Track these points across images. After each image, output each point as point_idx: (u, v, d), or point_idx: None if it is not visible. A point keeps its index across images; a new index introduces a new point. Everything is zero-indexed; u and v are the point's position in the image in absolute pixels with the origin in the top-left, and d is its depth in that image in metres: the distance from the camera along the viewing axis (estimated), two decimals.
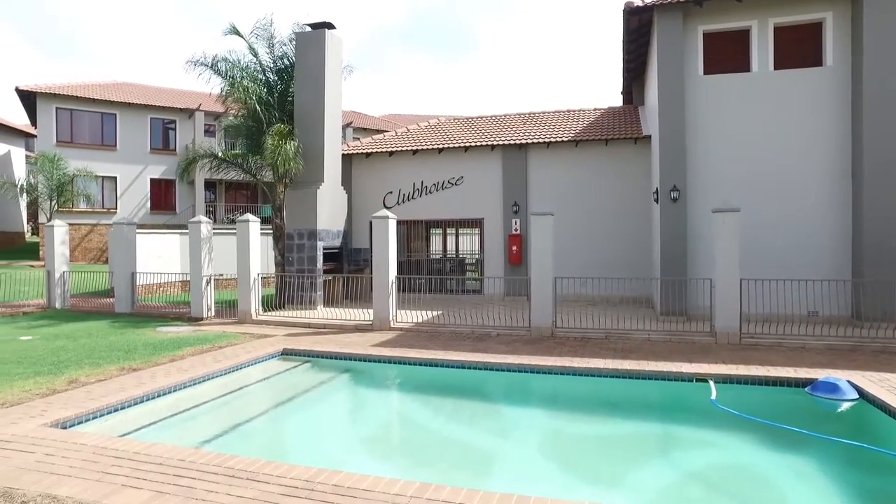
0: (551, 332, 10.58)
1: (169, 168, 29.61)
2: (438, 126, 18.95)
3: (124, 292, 14.53)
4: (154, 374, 7.75)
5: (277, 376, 8.67)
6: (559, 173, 15.76)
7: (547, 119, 17.93)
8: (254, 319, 12.55)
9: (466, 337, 10.60)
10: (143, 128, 29.63)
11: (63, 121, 27.81)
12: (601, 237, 15.21)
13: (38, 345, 10.05)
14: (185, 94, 31.55)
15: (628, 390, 7.69)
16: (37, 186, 26.86)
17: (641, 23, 12.89)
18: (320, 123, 14.66)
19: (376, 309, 11.60)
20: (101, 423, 6.13)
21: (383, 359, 8.96)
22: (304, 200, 14.47)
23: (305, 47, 14.83)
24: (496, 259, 16.20)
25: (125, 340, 10.33)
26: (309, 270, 14.22)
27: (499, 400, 8.10)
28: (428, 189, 16.71)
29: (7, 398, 6.61)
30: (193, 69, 14.82)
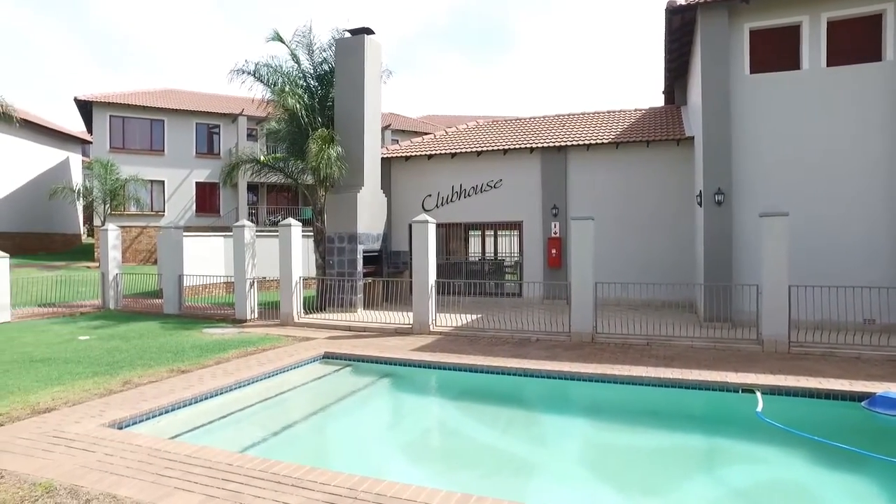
0: (592, 338, 10.47)
1: (213, 172, 30.46)
2: (477, 128, 18.95)
3: (172, 294, 15.05)
4: (202, 376, 8.00)
5: (319, 380, 8.83)
6: (599, 176, 15.56)
7: (587, 120, 17.72)
8: (296, 322, 12.81)
9: (506, 342, 10.58)
10: (189, 133, 30.57)
11: (116, 128, 28.95)
12: (642, 241, 14.95)
13: (95, 345, 10.51)
14: (229, 99, 32.40)
15: (671, 400, 7.54)
16: (92, 191, 28.05)
17: (684, 21, 12.62)
18: (360, 128, 14.86)
19: (416, 312, 11.69)
20: (153, 425, 6.37)
21: (423, 364, 9.02)
22: (345, 204, 14.70)
23: (345, 53, 15.06)
24: (535, 262, 16.11)
25: (174, 342, 10.70)
26: (349, 273, 14.44)
27: (539, 407, 8.06)
28: (467, 192, 16.74)
29: (70, 397, 6.97)
30: (237, 77, 15.24)
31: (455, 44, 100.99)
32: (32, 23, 77.26)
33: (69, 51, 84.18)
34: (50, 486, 4.45)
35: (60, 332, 12.17)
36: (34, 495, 4.32)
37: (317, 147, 13.80)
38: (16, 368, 8.60)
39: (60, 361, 9.05)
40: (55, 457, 5.04)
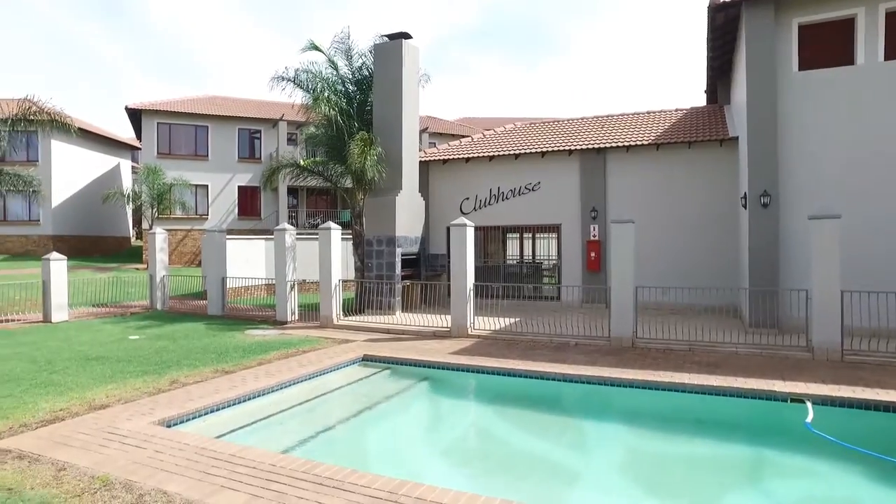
0: (632, 343, 10.30)
1: (255, 176, 31.19)
2: (515, 131, 18.88)
3: (216, 296, 15.46)
4: (244, 377, 8.19)
5: (358, 382, 8.94)
6: (639, 178, 15.30)
7: (626, 122, 17.46)
8: (335, 324, 12.99)
9: (544, 346, 10.50)
10: (231, 138, 31.40)
11: (163, 134, 29.97)
12: (684, 244, 14.63)
13: (144, 345, 10.89)
14: (270, 104, 33.13)
15: (715, 408, 7.35)
16: (140, 195, 29.12)
17: (727, 18, 12.28)
18: (398, 132, 15.00)
19: (454, 316, 11.71)
20: (199, 424, 6.56)
21: (462, 367, 9.03)
22: (383, 208, 14.84)
23: (383, 58, 15.23)
24: (574, 265, 15.94)
25: (218, 343, 10.99)
26: (388, 276, 14.56)
27: (578, 413, 7.99)
28: (505, 195, 16.68)
29: (123, 395, 7.26)
30: (277, 84, 15.57)
31: (491, 46, 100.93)
32: (82, 31, 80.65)
33: (120, 60, 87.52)
34: (107, 480, 4.65)
35: (112, 331, 12.66)
36: (93, 488, 4.52)
37: (359, 149, 13.98)
38: (74, 366, 9.00)
39: (113, 360, 9.42)
40: (110, 452, 5.26)
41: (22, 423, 6.14)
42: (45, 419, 6.28)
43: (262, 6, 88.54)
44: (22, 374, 8.50)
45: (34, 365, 9.12)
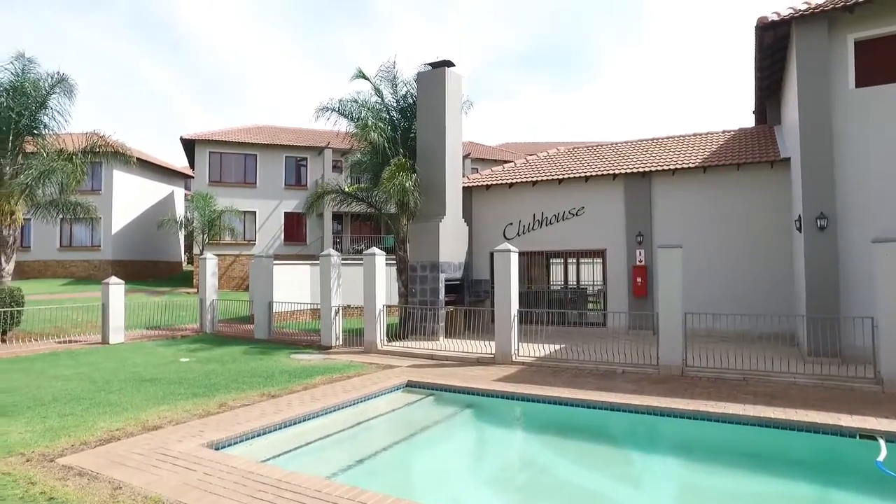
0: (681, 371, 9.96)
1: (300, 202, 31.98)
2: (558, 156, 18.83)
3: (263, 320, 15.77)
4: (290, 401, 8.28)
5: (403, 409, 8.91)
6: (686, 201, 14.97)
7: (671, 145, 17.18)
8: (379, 349, 13.04)
9: (590, 374, 10.27)
10: (278, 166, 32.37)
11: (214, 163, 31.17)
12: (734, 269, 14.17)
13: (194, 367, 11.17)
14: (315, 132, 34.09)
15: (773, 442, 6.98)
16: (192, 221, 30.24)
17: (777, 37, 12.01)
18: (441, 158, 15.16)
19: (498, 342, 11.61)
20: (246, 447, 6.63)
21: (506, 395, 8.89)
22: (427, 233, 14.95)
23: (426, 86, 15.50)
24: (619, 291, 15.63)
25: (264, 367, 11.17)
26: (431, 302, 14.59)
27: (626, 444, 7.73)
28: (548, 220, 16.58)
29: (174, 417, 7.44)
30: (323, 114, 16.05)
31: (534, 71, 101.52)
32: (140, 65, 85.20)
33: (175, 91, 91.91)
34: (159, 500, 4.74)
35: (164, 353, 13.05)
36: None
37: (389, 174, 14.16)
38: (129, 387, 9.31)
39: (165, 382, 9.69)
40: (162, 473, 5.37)
41: (82, 441, 6.37)
42: (103, 438, 6.50)
43: (309, 39, 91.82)
44: (82, 393, 8.85)
45: (93, 385, 9.48)
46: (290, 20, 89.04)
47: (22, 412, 7.72)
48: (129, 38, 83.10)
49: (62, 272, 30.32)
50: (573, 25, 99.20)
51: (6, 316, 14.34)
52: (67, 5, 79.94)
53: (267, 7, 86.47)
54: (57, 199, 17.01)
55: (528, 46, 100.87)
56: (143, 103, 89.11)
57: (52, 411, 7.74)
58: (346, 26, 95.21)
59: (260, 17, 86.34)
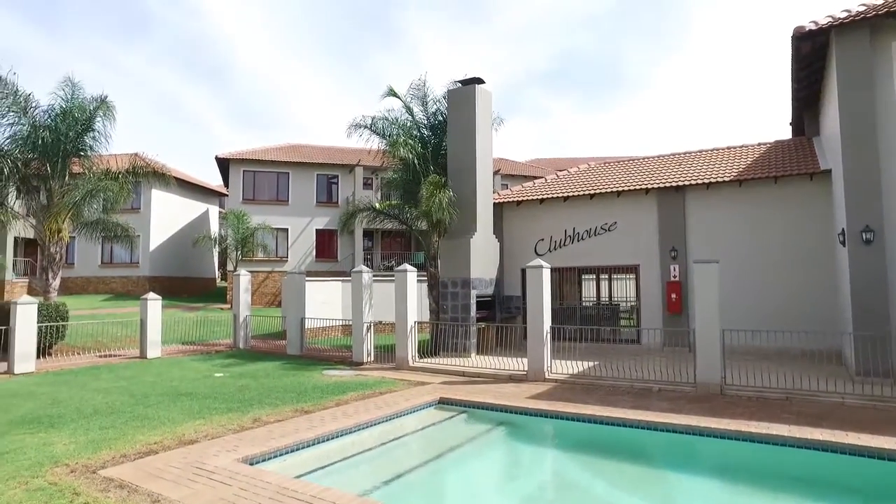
0: (720, 390, 9.68)
1: (332, 219, 32.38)
2: (589, 171, 18.70)
3: (295, 336, 15.92)
4: (323, 417, 8.30)
5: (435, 426, 8.85)
6: (721, 216, 14.68)
7: (705, 158, 16.92)
8: (410, 366, 13.02)
9: (625, 392, 10.06)
10: (310, 183, 32.88)
11: (248, 181, 31.84)
12: (773, 284, 13.78)
13: (228, 382, 11.32)
14: (346, 150, 34.59)
15: (821, 465, 6.68)
16: (226, 239, 30.87)
17: (814, 47, 11.76)
18: (472, 175, 15.19)
19: (530, 359, 11.48)
20: (280, 462, 6.65)
21: (539, 413, 8.76)
22: (458, 250, 14.94)
23: (457, 103, 15.61)
24: (653, 307, 15.34)
25: (297, 382, 11.24)
26: (463, 318, 14.53)
27: (663, 464, 7.51)
28: (580, 235, 16.43)
29: (209, 431, 7.53)
30: (355, 131, 16.28)
31: (564, 87, 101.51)
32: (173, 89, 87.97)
33: (207, 113, 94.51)
34: None
35: (199, 368, 13.26)
36: None
37: (428, 192, 14.24)
38: (166, 401, 9.48)
39: (200, 396, 9.83)
40: (198, 487, 5.42)
41: (122, 454, 6.50)
42: (142, 451, 6.61)
43: (340, 60, 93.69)
44: (122, 406, 9.06)
45: (132, 398, 9.68)
46: (321, 43, 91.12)
47: (66, 424, 7.95)
48: (168, 63, 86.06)
49: (103, 288, 31.24)
50: (603, 41, 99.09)
51: (52, 330, 14.80)
52: (114, 34, 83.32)
53: (298, 31, 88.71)
54: (100, 217, 17.60)
55: (558, 63, 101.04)
56: (179, 124, 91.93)
57: (94, 423, 7.93)
58: (375, 46, 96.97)
59: (292, 41, 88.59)
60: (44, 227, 15.93)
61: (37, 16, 76.96)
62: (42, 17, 77.77)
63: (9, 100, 15.38)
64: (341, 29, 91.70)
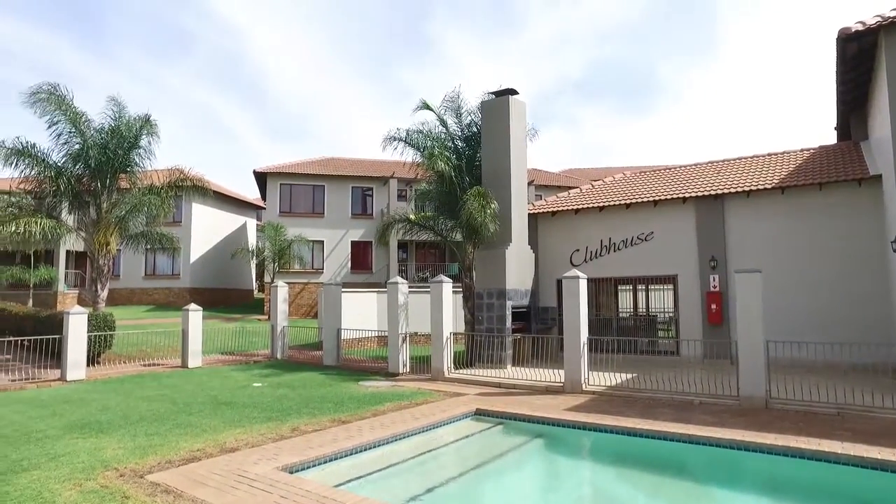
0: (765, 404, 9.37)
1: (367, 231, 32.76)
2: (624, 180, 18.49)
3: (331, 347, 16.09)
4: (360, 427, 8.35)
5: (472, 437, 8.81)
6: (763, 224, 14.30)
7: (745, 165, 16.54)
8: (446, 377, 13.01)
9: (665, 404, 9.84)
10: (345, 196, 33.36)
11: (284, 194, 32.51)
12: (819, 294, 13.32)
13: (267, 392, 11.50)
14: (381, 163, 35.03)
15: (881, 487, 6.35)
16: (263, 251, 31.51)
17: (861, 48, 11.39)
18: (507, 186, 15.18)
19: (567, 371, 11.35)
20: (319, 471, 6.71)
21: (578, 425, 8.63)
22: (493, 261, 14.91)
23: (490, 114, 15.65)
24: (692, 318, 15.00)
25: (334, 393, 11.35)
26: (498, 329, 14.47)
27: (707, 480, 7.30)
28: (616, 245, 16.22)
29: (250, 439, 7.66)
30: (390, 144, 16.44)
31: (597, 96, 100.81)
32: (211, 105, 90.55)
33: (245, 128, 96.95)
34: None
35: (238, 378, 13.51)
36: None
37: (478, 203, 14.23)
38: (207, 409, 9.69)
39: (240, 405, 10.01)
40: (240, 494, 5.51)
41: (167, 460, 6.67)
42: (186, 458, 6.77)
43: (374, 73, 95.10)
44: (165, 414, 9.30)
45: (175, 406, 9.93)
46: (354, 56, 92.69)
47: (115, 430, 8.23)
48: (207, 81, 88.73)
49: (146, 299, 32.22)
50: (636, 49, 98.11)
51: (101, 339, 15.32)
52: (156, 53, 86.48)
53: (332, 46, 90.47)
54: (145, 230, 18.23)
55: (590, 72, 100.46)
56: (217, 139, 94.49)
57: (140, 430, 8.17)
58: (407, 59, 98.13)
59: (326, 55, 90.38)
60: (93, 241, 16.57)
61: (86, 40, 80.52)
62: (91, 40, 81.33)
63: (66, 120, 16.13)
64: (374, 43, 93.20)
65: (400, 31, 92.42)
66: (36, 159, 16.01)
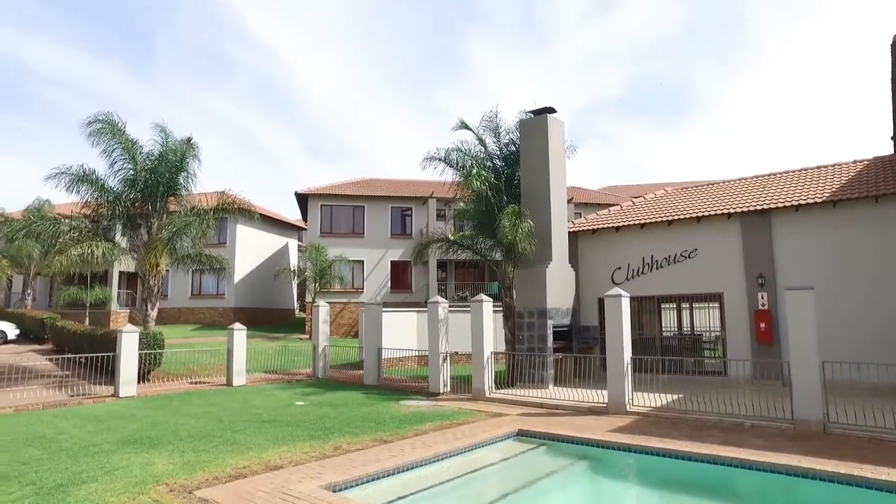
0: (823, 428, 8.95)
1: (406, 251, 32.98)
2: (665, 196, 18.19)
3: (372, 366, 16.17)
4: (402, 447, 8.34)
5: (515, 458, 8.69)
6: (813, 239, 13.81)
7: (793, 179, 16.06)
8: (487, 397, 12.90)
9: (714, 426, 9.52)
10: (385, 216, 33.74)
11: (325, 215, 33.09)
12: (877, 312, 12.71)
13: (309, 411, 11.62)
14: (419, 183, 35.35)
15: None
16: (305, 271, 32.07)
17: None
18: (546, 204, 15.12)
19: (611, 391, 11.12)
20: (362, 491, 6.73)
21: (623, 447, 8.43)
22: (534, 279, 14.81)
23: (529, 133, 15.68)
24: (740, 337, 14.51)
25: (375, 412, 11.39)
26: (539, 349, 14.31)
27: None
28: (658, 263, 15.90)
29: (293, 457, 7.75)
30: (429, 164, 16.62)
31: (635, 112, 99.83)
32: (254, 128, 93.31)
33: (286, 149, 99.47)
34: None
35: (281, 396, 13.71)
36: None
37: (510, 222, 14.24)
38: (252, 427, 9.86)
39: (283, 423, 10.15)
40: None
41: (214, 476, 6.81)
42: (232, 474, 6.90)
43: (412, 94, 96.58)
44: (212, 431, 9.51)
45: (221, 424, 10.14)
46: (391, 78, 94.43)
47: (164, 445, 8.46)
48: (250, 105, 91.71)
49: (192, 318, 33.14)
50: (675, 63, 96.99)
51: (150, 357, 15.82)
52: (200, 79, 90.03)
53: (370, 68, 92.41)
54: (192, 252, 18.84)
55: (628, 87, 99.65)
56: (260, 162, 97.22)
57: (188, 446, 8.38)
58: (445, 79, 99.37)
59: (364, 78, 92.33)
60: (144, 262, 17.21)
61: (139, 69, 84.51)
62: (143, 69, 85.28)
63: (120, 148, 16.94)
64: (410, 64, 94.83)
65: (436, 52, 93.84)
66: (95, 185, 16.83)
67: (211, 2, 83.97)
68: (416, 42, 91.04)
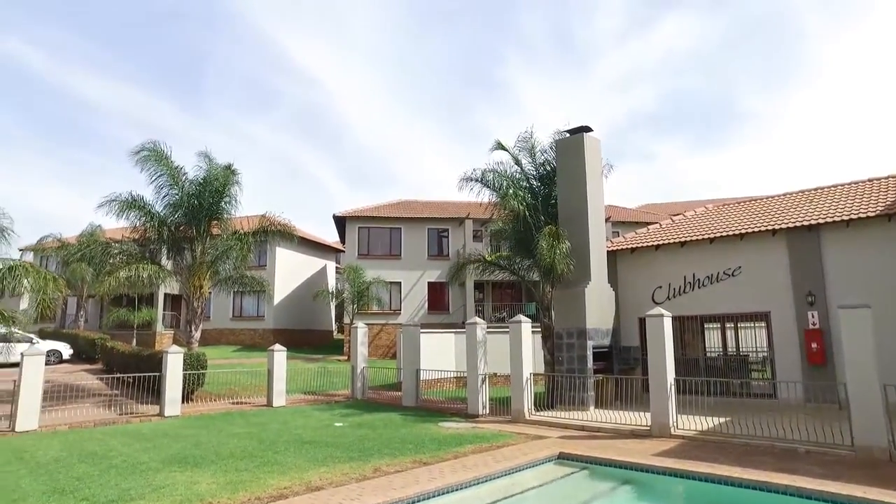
0: (889, 456, 8.47)
1: (443, 272, 32.97)
2: (706, 213, 17.81)
3: (410, 387, 16.14)
4: (442, 469, 8.27)
5: (556, 482, 8.51)
6: (867, 255, 13.26)
7: (841, 193, 15.52)
8: (527, 419, 12.71)
9: (765, 452, 9.14)
10: (421, 238, 33.93)
11: (363, 237, 33.50)
12: None
13: (348, 432, 11.66)
14: (455, 204, 35.51)
15: None
16: (343, 293, 32.42)
17: None
18: (584, 223, 14.98)
19: (654, 413, 10.82)
20: None
21: (668, 471, 8.16)
22: (573, 300, 14.62)
23: (565, 152, 15.63)
24: (789, 358, 13.96)
25: (414, 434, 11.33)
26: (579, 370, 14.06)
27: None
28: (700, 282, 15.51)
29: (333, 478, 7.78)
30: (466, 185, 16.68)
31: (672, 129, 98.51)
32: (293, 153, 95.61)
33: (324, 173, 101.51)
34: None
35: (321, 417, 13.79)
36: None
37: (547, 244, 14.15)
38: (292, 448, 9.93)
39: (323, 444, 10.20)
40: None
41: (256, 496, 6.88)
42: (273, 495, 6.96)
43: (448, 116, 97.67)
44: (253, 451, 9.62)
45: (261, 444, 10.26)
46: (427, 101, 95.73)
47: (208, 465, 8.61)
48: (291, 131, 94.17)
49: (233, 339, 33.82)
50: (712, 79, 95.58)
51: (194, 377, 16.17)
52: (242, 107, 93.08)
53: (406, 92, 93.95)
54: (234, 274, 19.31)
55: (665, 104, 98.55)
56: (298, 184, 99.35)
57: (231, 466, 8.50)
58: (479, 100, 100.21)
59: (400, 101, 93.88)
60: (189, 284, 17.71)
61: (184, 100, 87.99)
62: (187, 99, 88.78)
63: (167, 175, 17.62)
64: (446, 86, 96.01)
65: (471, 73, 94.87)
66: (143, 210, 17.49)
67: (257, 36, 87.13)
68: (452, 65, 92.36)
